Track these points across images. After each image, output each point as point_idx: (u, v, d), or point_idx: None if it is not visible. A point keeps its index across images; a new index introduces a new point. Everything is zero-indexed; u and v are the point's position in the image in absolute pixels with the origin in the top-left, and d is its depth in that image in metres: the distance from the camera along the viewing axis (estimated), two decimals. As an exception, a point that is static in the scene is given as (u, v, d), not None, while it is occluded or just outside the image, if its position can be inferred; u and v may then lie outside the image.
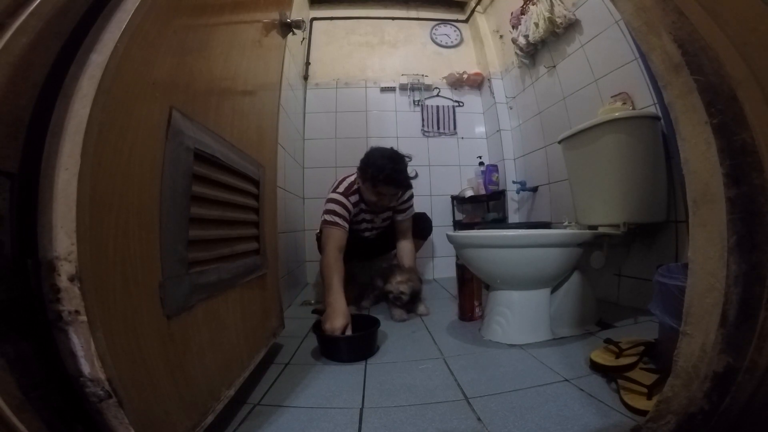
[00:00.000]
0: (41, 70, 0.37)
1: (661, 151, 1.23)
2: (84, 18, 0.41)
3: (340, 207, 1.51)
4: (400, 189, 1.53)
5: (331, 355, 1.04)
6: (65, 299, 0.34)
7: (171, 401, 0.48)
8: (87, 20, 0.41)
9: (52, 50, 0.38)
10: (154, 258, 0.47)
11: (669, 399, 0.48)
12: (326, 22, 2.63)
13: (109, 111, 0.39)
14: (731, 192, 0.44)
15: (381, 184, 1.45)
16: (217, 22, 0.68)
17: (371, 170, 1.45)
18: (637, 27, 0.53)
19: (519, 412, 0.69)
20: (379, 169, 1.43)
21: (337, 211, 1.50)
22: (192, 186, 0.56)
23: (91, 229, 0.37)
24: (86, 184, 0.36)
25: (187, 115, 0.55)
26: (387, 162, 1.45)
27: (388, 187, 1.47)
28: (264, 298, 0.93)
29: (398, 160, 1.48)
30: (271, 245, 0.99)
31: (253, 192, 0.86)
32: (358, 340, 1.07)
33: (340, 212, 1.50)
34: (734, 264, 0.43)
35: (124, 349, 0.40)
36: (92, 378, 0.35)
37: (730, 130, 0.44)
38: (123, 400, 0.37)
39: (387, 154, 1.48)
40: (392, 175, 1.44)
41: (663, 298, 0.79)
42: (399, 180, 1.47)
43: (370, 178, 1.46)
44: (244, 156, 0.80)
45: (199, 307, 0.58)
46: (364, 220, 1.65)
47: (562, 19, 1.70)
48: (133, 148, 0.43)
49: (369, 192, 1.51)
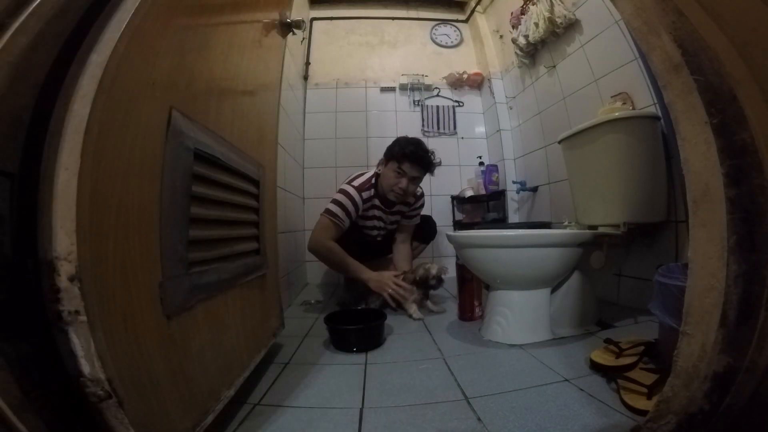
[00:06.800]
0: (41, 70, 0.37)
1: (661, 151, 1.23)
2: (84, 18, 0.41)
3: (350, 202, 1.53)
4: (424, 169, 1.56)
5: (341, 345, 1.09)
6: (65, 299, 0.34)
7: (171, 401, 0.48)
8: (87, 20, 0.41)
9: (52, 50, 0.38)
10: (154, 258, 0.47)
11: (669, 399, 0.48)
12: (326, 22, 2.63)
13: (109, 111, 0.39)
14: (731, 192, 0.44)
15: (405, 160, 1.50)
16: (217, 22, 0.68)
17: (397, 148, 1.52)
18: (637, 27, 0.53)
19: (519, 412, 0.69)
20: (405, 145, 1.51)
21: (345, 205, 1.52)
22: (192, 186, 0.56)
23: (91, 229, 0.36)
24: (86, 184, 0.36)
25: (187, 115, 0.55)
26: (413, 141, 1.54)
27: (412, 166, 1.51)
28: (264, 298, 0.93)
29: (424, 145, 1.58)
30: (271, 245, 0.99)
31: (253, 192, 0.86)
32: (366, 330, 1.11)
33: (348, 208, 1.52)
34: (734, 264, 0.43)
35: (124, 349, 0.40)
36: (92, 378, 0.35)
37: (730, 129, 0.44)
38: (123, 400, 0.37)
39: (414, 140, 1.57)
40: (417, 152, 1.51)
41: (663, 298, 0.79)
42: (424, 158, 1.53)
43: (396, 155, 1.52)
44: (244, 156, 0.80)
45: (199, 307, 0.58)
46: (375, 217, 1.66)
47: (562, 19, 1.70)
48: (133, 148, 0.43)
49: (390, 174, 1.54)
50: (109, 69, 0.38)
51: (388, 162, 1.55)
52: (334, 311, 1.28)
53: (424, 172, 1.57)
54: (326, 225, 1.50)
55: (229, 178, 0.71)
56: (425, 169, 1.56)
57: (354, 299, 1.63)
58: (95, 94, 0.37)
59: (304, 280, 2.22)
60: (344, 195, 1.54)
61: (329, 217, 1.50)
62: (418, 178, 1.57)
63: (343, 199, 1.52)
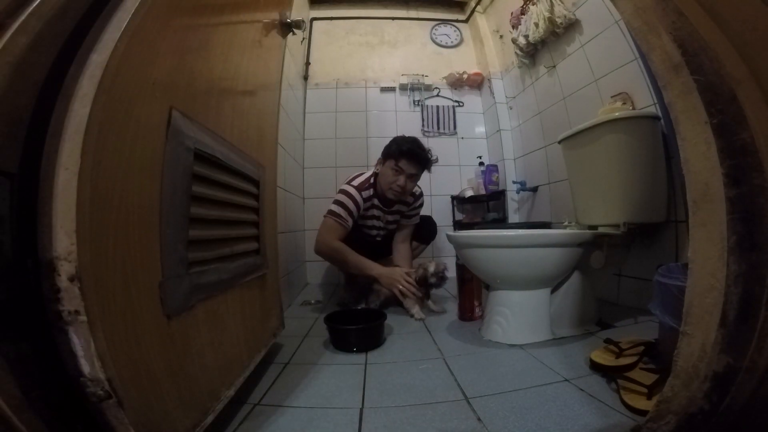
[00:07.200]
0: (41, 69, 0.37)
1: (661, 151, 1.23)
2: (84, 18, 0.41)
3: (351, 202, 1.54)
4: (421, 166, 1.58)
5: (341, 345, 1.09)
6: (65, 299, 0.34)
7: (171, 401, 0.48)
8: (87, 20, 0.41)
9: (52, 50, 0.38)
10: (154, 258, 0.47)
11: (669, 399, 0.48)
12: (326, 22, 2.63)
13: (110, 111, 0.39)
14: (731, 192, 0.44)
15: (403, 157, 1.52)
16: (217, 21, 0.68)
17: (394, 146, 1.55)
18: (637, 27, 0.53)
19: (519, 412, 0.69)
20: (402, 143, 1.54)
21: (347, 205, 1.53)
22: (192, 186, 0.56)
23: (91, 229, 0.36)
24: (86, 184, 0.36)
25: (187, 114, 0.55)
26: (410, 139, 1.58)
27: (409, 162, 1.53)
28: (264, 298, 0.93)
29: (420, 142, 1.60)
30: (271, 245, 0.99)
31: (253, 192, 0.86)
32: (366, 330, 1.12)
33: (349, 207, 1.53)
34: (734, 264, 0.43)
35: (124, 349, 0.40)
36: (92, 378, 0.35)
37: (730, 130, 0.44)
38: (123, 400, 0.37)
39: (410, 138, 1.60)
40: (414, 149, 1.54)
41: (663, 298, 0.79)
42: (421, 155, 1.55)
43: (393, 153, 1.54)
44: (244, 156, 0.80)
45: (199, 307, 0.58)
46: (374, 216, 1.67)
47: (562, 19, 1.70)
48: (134, 147, 0.43)
49: (388, 172, 1.55)
50: (109, 69, 0.39)
51: (386, 160, 1.57)
52: (334, 311, 1.28)
53: (422, 169, 1.58)
54: (331, 226, 1.51)
55: (229, 178, 0.71)
56: (423, 165, 1.57)
57: (354, 299, 1.63)
58: (95, 94, 0.37)
59: (304, 280, 2.22)
60: (345, 195, 1.55)
61: (333, 218, 1.51)
62: (416, 176, 1.58)
63: (345, 199, 1.54)
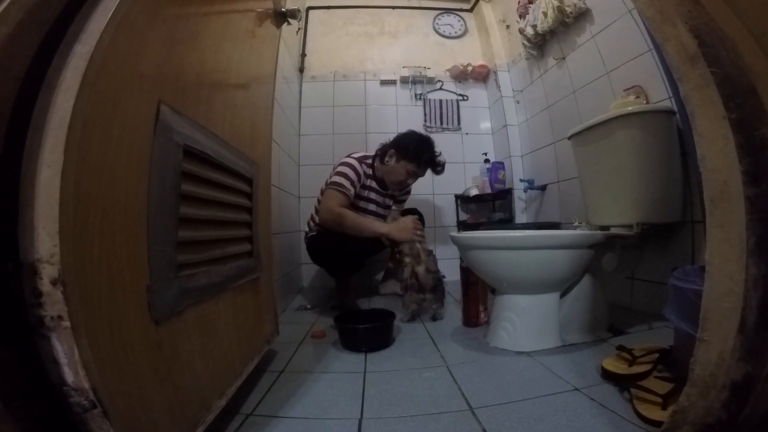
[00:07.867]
0: (22, 61, 0.37)
1: (677, 147, 1.23)
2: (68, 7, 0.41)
3: (352, 171, 1.61)
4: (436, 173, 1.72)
5: (352, 345, 1.12)
6: (47, 304, 0.34)
7: (159, 411, 0.48)
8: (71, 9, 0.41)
9: (34, 41, 0.38)
10: (141, 260, 0.47)
11: (685, 409, 0.48)
12: (323, 11, 2.63)
13: (95, 104, 0.39)
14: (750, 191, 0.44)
15: (424, 165, 1.65)
16: (209, 11, 0.68)
17: (413, 150, 1.62)
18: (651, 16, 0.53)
19: (527, 423, 0.69)
20: (423, 148, 1.64)
21: (348, 175, 1.59)
22: (181, 184, 0.56)
23: (75, 230, 0.36)
24: (69, 182, 0.36)
25: (177, 109, 0.55)
26: (429, 144, 1.67)
27: (426, 169, 1.68)
28: (257, 303, 0.93)
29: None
30: (264, 247, 0.99)
31: (246, 191, 0.86)
32: (377, 330, 1.16)
33: (351, 177, 1.59)
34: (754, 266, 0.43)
35: (110, 356, 0.40)
36: (76, 387, 0.35)
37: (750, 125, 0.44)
38: (108, 410, 0.37)
39: (426, 138, 1.69)
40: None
41: (678, 302, 0.79)
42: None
43: (412, 156, 1.62)
44: (237, 153, 0.80)
45: (189, 312, 0.58)
46: (371, 199, 1.75)
47: (572, 8, 1.70)
48: (120, 144, 0.43)
49: (402, 171, 1.65)
50: (94, 60, 0.38)
51: (401, 159, 1.63)
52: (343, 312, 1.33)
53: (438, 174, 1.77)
54: (333, 195, 1.56)
55: (220, 176, 0.71)
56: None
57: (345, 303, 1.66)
58: (79, 87, 0.37)
59: (299, 284, 2.22)
60: (346, 166, 1.62)
61: (335, 188, 1.56)
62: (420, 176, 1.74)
63: (346, 170, 1.60)
